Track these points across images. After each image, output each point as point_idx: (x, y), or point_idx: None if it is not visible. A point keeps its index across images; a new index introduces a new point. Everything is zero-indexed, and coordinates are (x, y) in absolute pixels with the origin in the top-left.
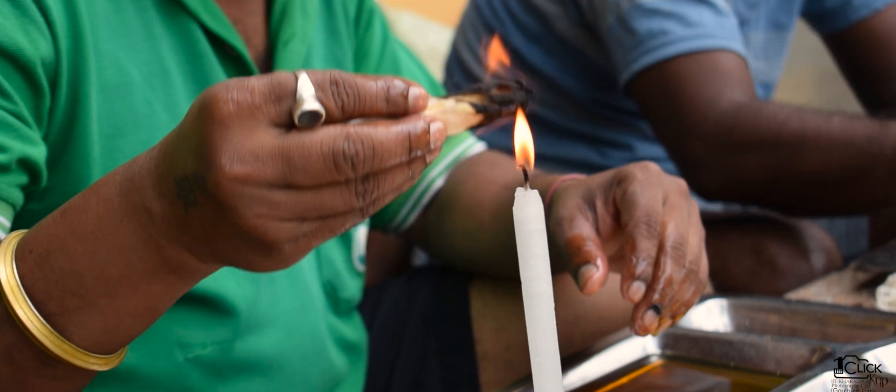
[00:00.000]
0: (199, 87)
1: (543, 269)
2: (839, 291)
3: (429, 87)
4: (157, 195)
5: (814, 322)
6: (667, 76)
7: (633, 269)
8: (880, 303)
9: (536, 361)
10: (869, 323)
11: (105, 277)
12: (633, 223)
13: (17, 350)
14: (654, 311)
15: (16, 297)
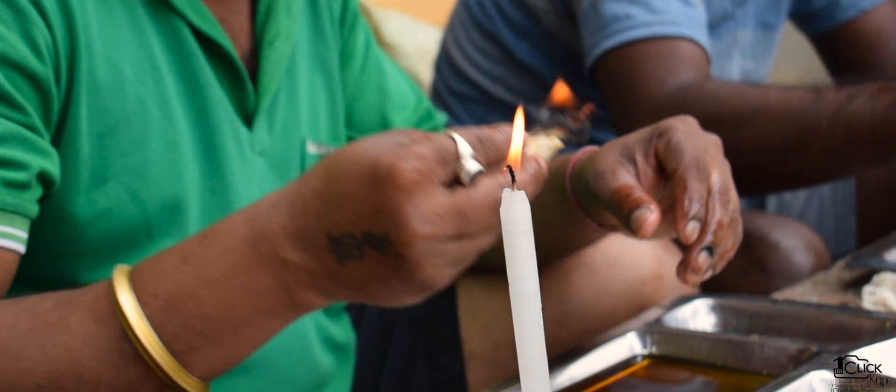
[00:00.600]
0: (189, 85)
1: (530, 270)
2: (826, 291)
3: (412, 97)
4: (297, 248)
5: (800, 321)
6: (625, 59)
7: (687, 209)
8: (866, 302)
9: (524, 362)
10: (855, 322)
11: (233, 319)
12: (684, 167)
13: (140, 384)
14: (707, 252)
15: (149, 341)
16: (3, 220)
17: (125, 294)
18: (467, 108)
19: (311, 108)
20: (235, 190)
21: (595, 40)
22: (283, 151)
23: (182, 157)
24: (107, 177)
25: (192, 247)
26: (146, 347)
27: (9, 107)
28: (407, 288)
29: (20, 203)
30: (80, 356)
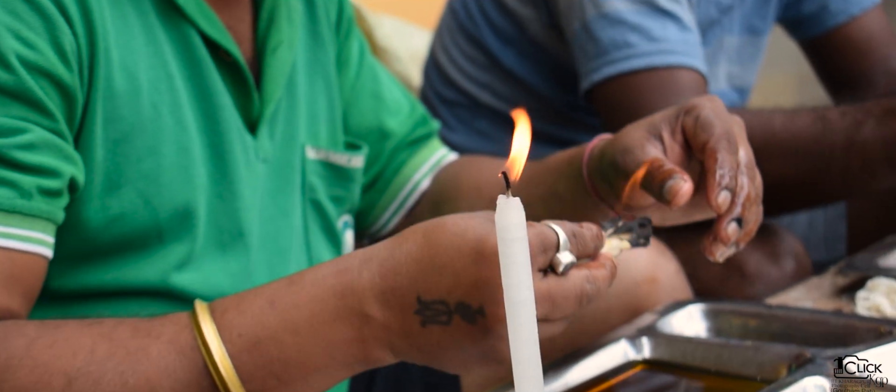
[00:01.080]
0: (200, 91)
1: (525, 277)
2: (819, 296)
3: (406, 103)
4: (383, 306)
5: (794, 327)
6: (627, 90)
7: (719, 179)
8: (860, 308)
9: (518, 370)
10: (849, 327)
11: (308, 366)
12: (715, 139)
13: None
14: (737, 223)
15: (230, 378)
16: (37, 227)
17: (210, 331)
18: (455, 113)
19: (311, 114)
20: (242, 196)
21: (593, 66)
22: (283, 158)
23: (193, 163)
24: (121, 182)
25: (280, 292)
26: (227, 384)
27: (42, 114)
28: (482, 359)
29: (53, 210)
30: (158, 386)
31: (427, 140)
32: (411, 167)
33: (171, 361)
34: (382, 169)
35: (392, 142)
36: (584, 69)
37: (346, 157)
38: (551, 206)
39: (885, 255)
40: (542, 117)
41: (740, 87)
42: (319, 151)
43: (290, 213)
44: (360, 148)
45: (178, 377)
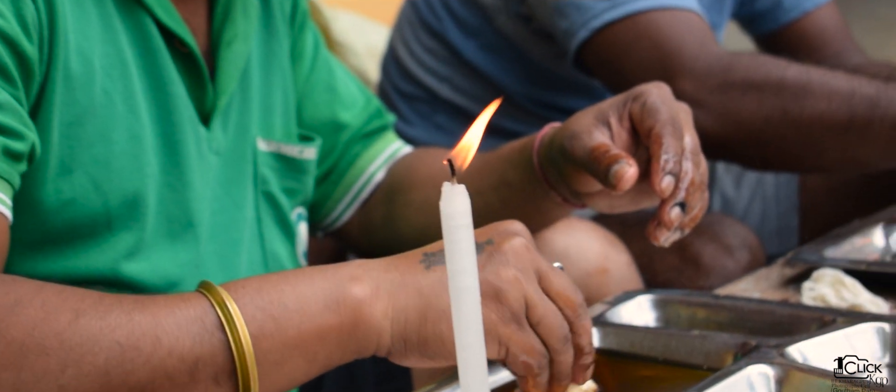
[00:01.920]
0: (154, 81)
1: (470, 264)
2: (767, 287)
3: (361, 96)
4: (387, 265)
5: (741, 317)
6: (642, 27)
7: (663, 164)
8: (805, 298)
9: (462, 356)
10: (794, 317)
11: (303, 312)
12: (661, 124)
13: (204, 363)
14: (680, 207)
15: (236, 314)
16: (1, 188)
17: (212, 283)
18: (414, 107)
19: (265, 107)
20: (193, 187)
21: (594, 12)
22: (236, 150)
23: (144, 152)
24: (73, 166)
25: None
26: (233, 319)
27: (6, 80)
28: (485, 297)
29: (13, 173)
30: (163, 321)
31: (382, 133)
32: (366, 159)
33: (175, 303)
34: (337, 161)
35: (346, 134)
36: (568, 32)
37: (299, 148)
38: (503, 194)
39: (831, 246)
40: (502, 112)
41: None
42: (271, 143)
43: (242, 205)
44: (313, 140)
45: (182, 314)
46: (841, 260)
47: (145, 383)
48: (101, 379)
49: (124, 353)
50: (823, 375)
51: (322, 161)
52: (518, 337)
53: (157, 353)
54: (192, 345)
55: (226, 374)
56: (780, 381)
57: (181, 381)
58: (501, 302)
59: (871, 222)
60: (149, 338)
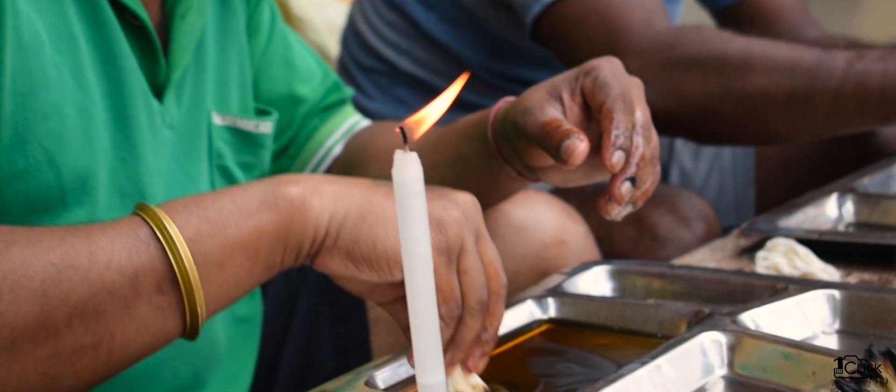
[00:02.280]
0: (104, 54)
1: (422, 231)
2: (722, 257)
3: (318, 70)
4: (332, 179)
5: (696, 286)
6: (591, 3)
7: (613, 139)
8: (759, 267)
9: (415, 322)
10: (747, 285)
11: (240, 211)
12: (611, 99)
13: (144, 273)
14: (630, 182)
15: (166, 220)
16: None
17: (146, 203)
18: (374, 81)
19: (220, 81)
20: (145, 162)
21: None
22: (191, 124)
23: (94, 126)
24: (27, 138)
25: None
26: (165, 225)
27: None
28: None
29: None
30: (97, 238)
31: (340, 106)
32: (324, 133)
33: (108, 223)
34: (294, 135)
35: (304, 108)
36: (524, 5)
37: (254, 123)
38: (458, 168)
39: (785, 216)
40: (464, 86)
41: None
42: (226, 117)
43: (197, 180)
44: (269, 114)
45: (114, 230)
46: (794, 229)
47: (87, 300)
48: (39, 301)
49: (60, 272)
50: (774, 341)
51: (279, 135)
52: (444, 271)
53: (94, 268)
54: (129, 256)
55: (168, 281)
56: (732, 347)
57: (123, 294)
58: (441, 232)
59: (825, 193)
60: (83, 255)
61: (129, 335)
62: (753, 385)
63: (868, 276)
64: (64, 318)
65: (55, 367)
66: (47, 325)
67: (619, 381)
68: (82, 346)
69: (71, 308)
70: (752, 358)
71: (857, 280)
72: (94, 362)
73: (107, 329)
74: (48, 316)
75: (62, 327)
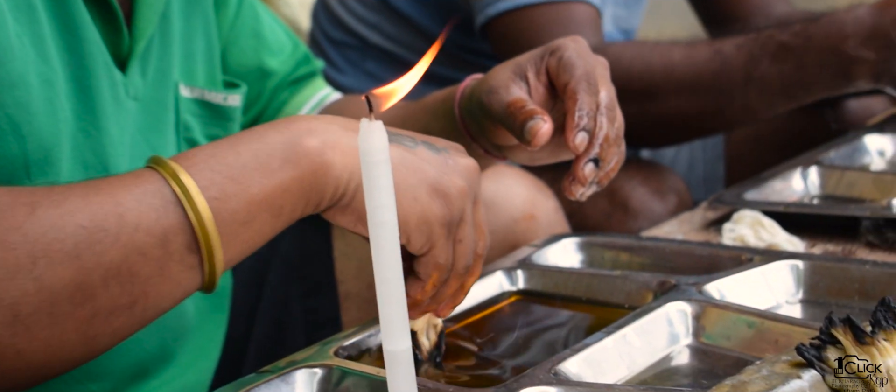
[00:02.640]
0: (65, 25)
1: (388, 199)
2: (690, 229)
3: (288, 42)
4: (344, 126)
5: (663, 257)
6: (523, 24)
7: (577, 120)
8: (725, 238)
9: (382, 289)
10: (714, 256)
11: (263, 169)
12: (576, 80)
13: (173, 233)
14: (593, 163)
15: (188, 181)
16: None
17: (161, 157)
18: (344, 55)
19: (186, 53)
20: (108, 133)
21: (488, 0)
22: (156, 96)
23: (57, 97)
24: None
25: None
26: (188, 189)
27: None
28: (434, 185)
29: None
30: (122, 198)
31: (310, 79)
32: (293, 106)
33: (131, 180)
34: (264, 108)
35: (273, 81)
36: (479, 3)
37: (223, 95)
38: None
39: (751, 189)
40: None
41: (626, 30)
42: (194, 90)
43: (163, 152)
44: (238, 86)
45: (140, 189)
46: (760, 202)
47: (120, 262)
48: (74, 264)
49: (91, 234)
50: (739, 311)
51: (249, 108)
52: (444, 242)
53: (124, 229)
54: (157, 217)
55: (196, 241)
56: (697, 316)
57: (155, 256)
58: (447, 205)
59: (791, 166)
60: (112, 216)
61: (162, 292)
62: (718, 354)
63: (832, 247)
64: (99, 279)
65: (94, 327)
66: (84, 287)
67: (586, 350)
68: (119, 306)
69: (105, 269)
70: (717, 327)
71: (822, 251)
72: (130, 320)
73: (141, 289)
74: (84, 278)
75: (99, 289)
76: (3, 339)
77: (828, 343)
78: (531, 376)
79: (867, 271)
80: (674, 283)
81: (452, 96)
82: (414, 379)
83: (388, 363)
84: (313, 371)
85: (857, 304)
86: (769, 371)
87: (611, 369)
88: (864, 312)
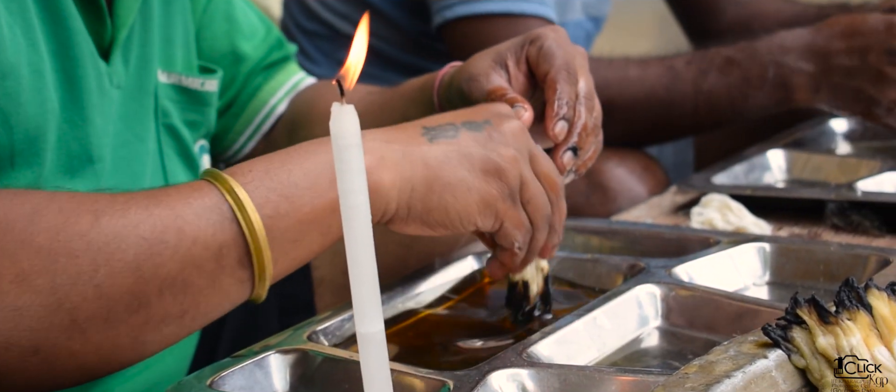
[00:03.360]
0: (52, 17)
1: (360, 183)
2: (659, 213)
3: (261, 26)
4: (387, 134)
5: (633, 241)
6: (478, 32)
7: (557, 109)
8: (694, 222)
9: (354, 272)
10: (682, 240)
11: (315, 188)
12: (556, 70)
13: (227, 248)
14: (572, 151)
15: (245, 199)
16: None
17: (218, 172)
18: (316, 44)
19: (165, 38)
20: (93, 123)
21: (446, 2)
22: (138, 84)
23: (46, 87)
24: None
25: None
26: (244, 205)
27: None
28: (485, 165)
29: None
30: (182, 211)
31: (283, 64)
32: (267, 91)
33: (191, 193)
34: (238, 93)
35: (247, 65)
36: (436, 4)
37: (200, 81)
38: None
39: (719, 173)
40: (400, 46)
41: (595, 17)
42: (171, 76)
43: (144, 138)
44: (214, 72)
45: (200, 203)
46: (727, 186)
47: (176, 274)
48: (133, 274)
49: (151, 246)
50: (706, 293)
51: (223, 93)
52: (513, 213)
53: (182, 243)
54: (214, 232)
55: (248, 256)
56: (667, 299)
57: (209, 269)
58: (502, 179)
59: (758, 151)
60: (172, 230)
61: (212, 304)
62: (687, 335)
63: (798, 230)
64: (155, 290)
65: (145, 333)
66: (140, 296)
67: (557, 332)
68: (171, 315)
69: (162, 281)
70: (686, 309)
71: (788, 233)
72: (179, 328)
73: (193, 300)
74: (141, 288)
75: (154, 298)
76: (58, 341)
77: (793, 323)
78: (503, 358)
79: (832, 253)
80: (643, 267)
81: (431, 84)
82: (387, 361)
83: (361, 345)
84: (287, 355)
85: (822, 286)
86: (736, 351)
87: (582, 351)
88: (829, 293)
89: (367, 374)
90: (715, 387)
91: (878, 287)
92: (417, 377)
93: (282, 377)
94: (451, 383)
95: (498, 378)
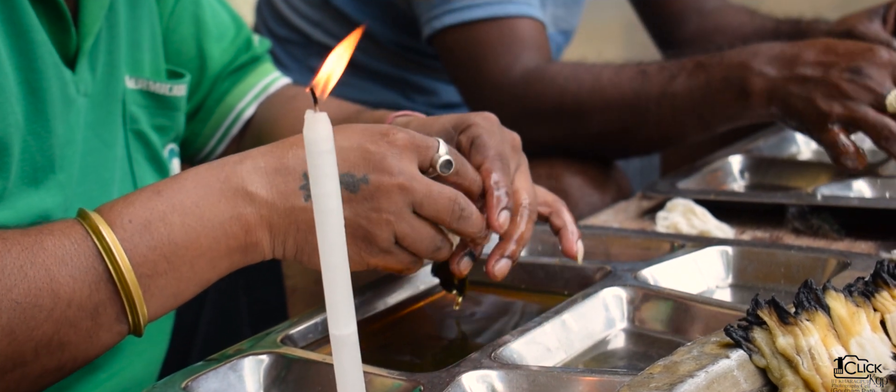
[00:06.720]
0: (13, 28)
1: (333, 188)
2: (625, 218)
3: (232, 27)
4: (267, 184)
5: (600, 245)
6: (468, 39)
7: (497, 201)
8: (659, 226)
9: (328, 276)
10: (648, 244)
11: (195, 246)
12: (490, 161)
13: (104, 307)
14: (469, 257)
15: (123, 261)
16: None
17: (99, 218)
18: (288, 51)
19: (132, 44)
20: (57, 134)
21: (435, 13)
22: (105, 91)
23: (7, 100)
24: None
25: (165, 182)
26: (120, 267)
27: None
28: (356, 233)
29: None
30: (57, 274)
31: (252, 66)
32: (235, 96)
33: (67, 250)
34: (205, 97)
35: (212, 71)
36: (425, 16)
37: (168, 86)
38: None
39: (683, 178)
40: (374, 57)
41: (565, 30)
42: (139, 81)
43: (112, 145)
44: (182, 76)
45: (74, 263)
46: (692, 190)
47: (51, 335)
48: (7, 338)
49: (25, 311)
50: (671, 296)
51: (191, 96)
52: (386, 261)
53: (57, 306)
54: (90, 293)
55: (125, 314)
56: (633, 301)
57: (85, 327)
58: (371, 243)
59: (721, 156)
60: (46, 293)
61: (91, 354)
62: (652, 337)
63: (760, 234)
64: (31, 351)
65: (22, 386)
66: (15, 357)
67: (526, 334)
68: (47, 370)
69: (36, 342)
70: (651, 311)
71: (750, 237)
72: (57, 377)
73: (70, 355)
74: (16, 350)
75: (29, 358)
76: None
77: (754, 324)
78: (472, 360)
79: (792, 256)
80: (610, 270)
81: (383, 122)
82: (360, 363)
83: (334, 348)
84: (260, 358)
85: (783, 287)
86: (699, 351)
87: (550, 352)
88: (789, 295)
89: (340, 376)
90: (678, 386)
91: (835, 289)
92: (390, 378)
93: (255, 380)
94: (422, 384)
95: (468, 379)
